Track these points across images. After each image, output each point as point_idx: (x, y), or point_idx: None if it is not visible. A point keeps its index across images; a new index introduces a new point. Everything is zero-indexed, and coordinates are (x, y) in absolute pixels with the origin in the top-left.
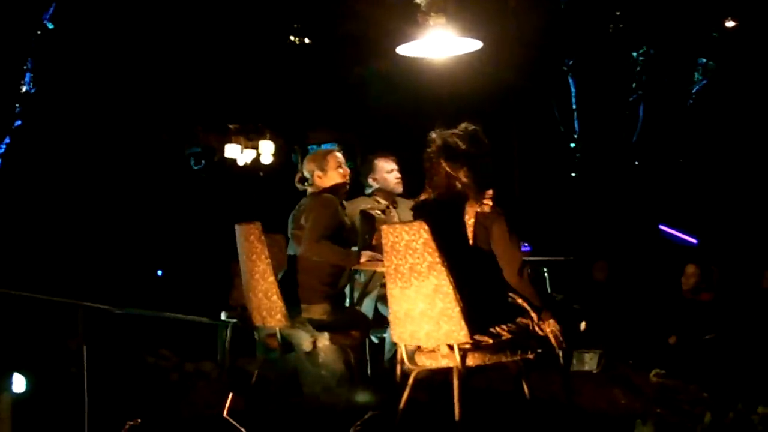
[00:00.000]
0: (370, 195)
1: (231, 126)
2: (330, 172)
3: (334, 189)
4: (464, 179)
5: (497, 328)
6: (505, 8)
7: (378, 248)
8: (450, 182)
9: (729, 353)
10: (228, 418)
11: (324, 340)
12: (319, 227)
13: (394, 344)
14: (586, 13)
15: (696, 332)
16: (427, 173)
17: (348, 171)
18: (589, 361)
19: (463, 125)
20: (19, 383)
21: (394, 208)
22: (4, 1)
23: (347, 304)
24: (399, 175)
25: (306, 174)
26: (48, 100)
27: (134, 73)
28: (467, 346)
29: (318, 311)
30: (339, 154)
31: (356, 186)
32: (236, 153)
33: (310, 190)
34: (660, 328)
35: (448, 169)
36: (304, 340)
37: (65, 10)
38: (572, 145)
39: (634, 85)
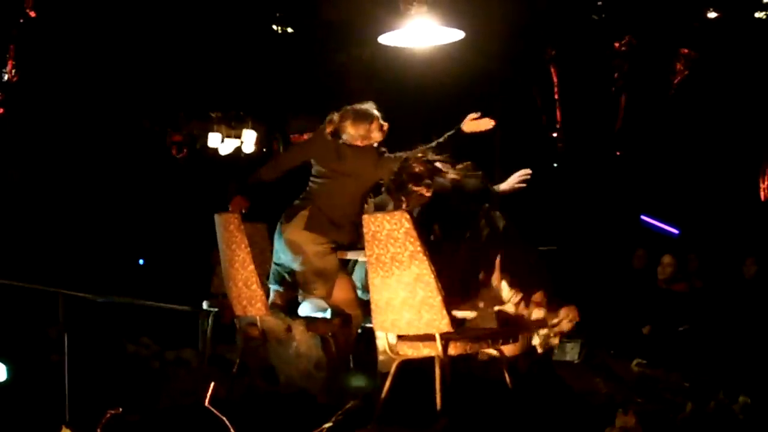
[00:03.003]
0: None
1: (213, 114)
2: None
3: None
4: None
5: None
6: None
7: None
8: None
9: (705, 344)
10: (209, 406)
11: (299, 327)
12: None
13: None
14: (568, 3)
15: (670, 323)
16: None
17: None
18: (571, 351)
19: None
20: None
21: None
22: None
23: None
24: None
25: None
26: (30, 88)
27: (116, 60)
28: (449, 335)
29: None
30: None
31: None
32: (217, 142)
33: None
34: (635, 318)
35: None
36: (277, 327)
37: None
38: (554, 135)
39: (615, 75)
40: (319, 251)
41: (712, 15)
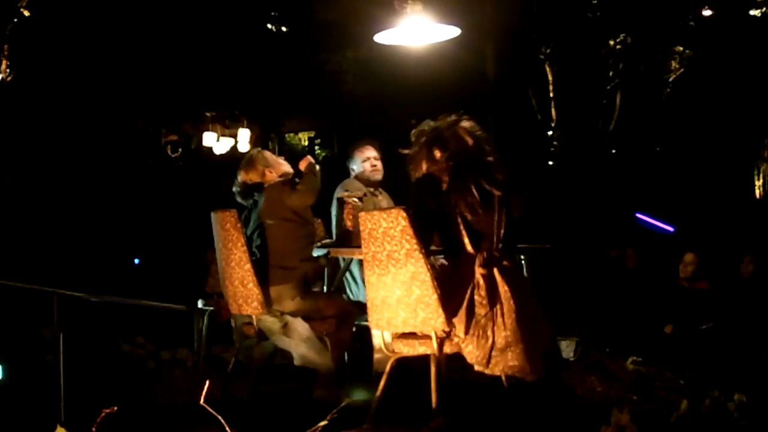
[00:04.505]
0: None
1: (208, 114)
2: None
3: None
4: None
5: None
6: None
7: (355, 232)
8: None
9: (725, 342)
10: (204, 405)
11: (296, 322)
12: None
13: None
14: (563, 1)
15: (694, 321)
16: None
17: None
18: (566, 349)
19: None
20: None
21: (374, 197)
22: None
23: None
24: (375, 163)
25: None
26: (25, 88)
27: (111, 61)
28: (444, 333)
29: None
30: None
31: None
32: (213, 141)
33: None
34: (656, 317)
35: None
36: (273, 325)
37: None
38: (549, 133)
39: (611, 73)
40: (296, 301)
41: (707, 13)
